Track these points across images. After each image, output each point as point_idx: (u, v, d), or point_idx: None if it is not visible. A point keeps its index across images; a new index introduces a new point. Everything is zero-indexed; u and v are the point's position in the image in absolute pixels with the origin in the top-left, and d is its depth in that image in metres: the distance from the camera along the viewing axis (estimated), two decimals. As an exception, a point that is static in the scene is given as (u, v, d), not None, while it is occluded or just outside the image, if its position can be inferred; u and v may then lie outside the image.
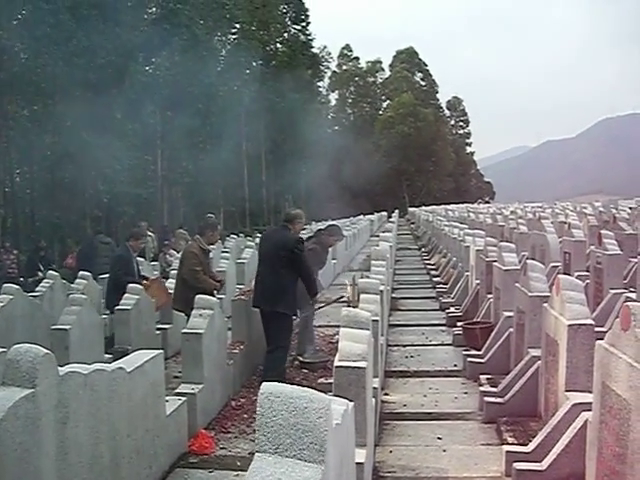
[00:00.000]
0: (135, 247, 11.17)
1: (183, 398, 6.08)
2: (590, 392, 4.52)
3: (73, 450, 3.92)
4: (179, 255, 13.53)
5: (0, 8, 23.77)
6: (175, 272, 10.29)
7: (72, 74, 24.50)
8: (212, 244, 9.32)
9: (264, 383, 2.18)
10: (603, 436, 3.99)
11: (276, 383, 2.19)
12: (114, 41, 24.85)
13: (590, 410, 4.34)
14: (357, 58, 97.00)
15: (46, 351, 3.65)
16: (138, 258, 15.65)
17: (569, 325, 5.18)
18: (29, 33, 23.67)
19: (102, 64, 24.63)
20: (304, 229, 9.63)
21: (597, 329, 5.37)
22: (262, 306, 8.00)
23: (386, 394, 7.56)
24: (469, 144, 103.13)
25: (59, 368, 3.82)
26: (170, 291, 10.35)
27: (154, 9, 32.58)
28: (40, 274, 15.71)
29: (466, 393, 7.54)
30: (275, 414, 2.06)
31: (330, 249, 10.93)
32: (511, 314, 7.73)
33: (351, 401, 3.27)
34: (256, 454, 2.03)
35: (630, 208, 26.53)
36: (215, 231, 9.23)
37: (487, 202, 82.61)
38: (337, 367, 4.27)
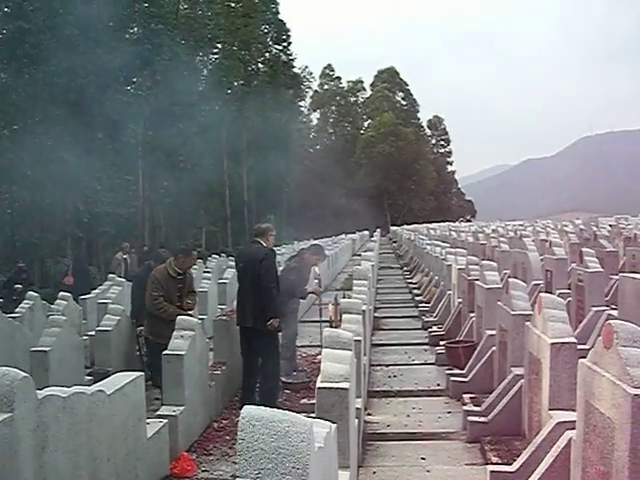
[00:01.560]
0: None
1: (164, 420, 6.01)
2: (574, 410, 4.50)
3: (52, 475, 3.85)
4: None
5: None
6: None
7: (53, 94, 24.49)
8: (184, 269, 8.55)
9: (245, 407, 2.14)
10: (587, 455, 3.98)
11: (257, 406, 2.16)
12: (95, 61, 24.84)
13: (574, 429, 4.32)
14: (339, 78, 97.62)
15: (24, 374, 3.59)
16: (120, 279, 15.66)
17: (552, 343, 5.17)
18: (10, 53, 23.64)
19: (83, 84, 24.61)
20: (277, 245, 9.54)
21: (579, 347, 5.37)
22: (247, 323, 7.96)
23: (369, 414, 7.51)
24: (450, 163, 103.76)
25: (38, 391, 3.76)
26: None
27: (135, 29, 32.63)
28: (19, 287, 15.63)
29: (449, 412, 7.51)
30: (256, 438, 2.03)
31: (312, 268, 10.88)
32: (494, 333, 7.72)
33: (334, 422, 3.24)
34: (237, 479, 2.00)
35: (610, 225, 26.69)
36: (187, 257, 8.54)
37: (468, 220, 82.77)
38: (320, 388, 4.23)
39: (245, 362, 8.21)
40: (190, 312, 8.46)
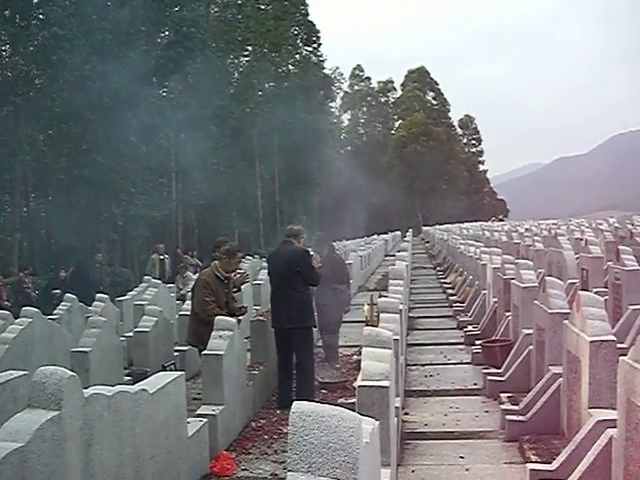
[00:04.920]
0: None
1: (204, 419, 6.08)
2: (614, 409, 4.49)
3: (98, 472, 3.93)
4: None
5: (16, 34, 24.10)
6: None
7: (87, 98, 24.74)
8: (230, 271, 8.29)
9: (295, 402, 2.18)
10: (629, 453, 3.97)
11: (307, 402, 2.20)
12: (128, 65, 25.06)
13: (615, 427, 4.31)
14: (369, 78, 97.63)
15: (71, 373, 3.67)
16: (156, 280, 15.81)
17: (591, 341, 5.15)
18: (45, 58, 23.94)
19: (116, 88, 24.84)
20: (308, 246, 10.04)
21: (618, 345, 5.34)
22: (285, 324, 8.10)
23: (406, 413, 7.53)
24: (482, 162, 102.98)
25: (84, 390, 3.84)
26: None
27: (167, 33, 32.87)
28: (57, 292, 15.79)
29: (487, 411, 7.49)
30: (307, 433, 2.06)
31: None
32: (530, 331, 7.70)
33: (376, 420, 3.27)
34: (289, 473, 2.03)
35: (646, 224, 26.37)
36: (232, 258, 8.23)
37: (501, 220, 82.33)
38: (360, 386, 4.25)
39: (281, 362, 8.33)
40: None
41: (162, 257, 19.34)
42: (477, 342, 10.40)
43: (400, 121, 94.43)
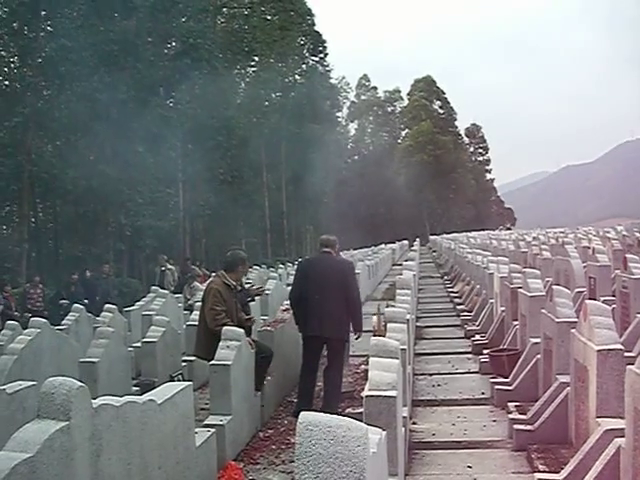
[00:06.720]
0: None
1: (212, 430, 6.08)
2: (622, 418, 4.48)
3: (107, 482, 3.94)
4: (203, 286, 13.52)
5: (25, 45, 24.26)
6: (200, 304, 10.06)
7: (94, 109, 24.87)
8: (238, 280, 8.14)
9: (302, 413, 2.19)
10: (637, 462, 3.96)
11: (314, 412, 2.21)
12: (135, 76, 25.19)
13: (623, 436, 4.30)
14: (375, 88, 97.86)
15: (80, 384, 3.68)
16: (162, 290, 15.80)
17: (598, 350, 5.14)
18: (53, 70, 24.09)
19: (124, 99, 24.95)
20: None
21: (625, 354, 5.33)
22: (322, 333, 8.04)
23: (414, 423, 7.51)
24: (489, 171, 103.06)
25: (92, 400, 3.85)
26: None
27: (174, 44, 33.03)
28: (64, 302, 15.86)
29: (495, 421, 7.47)
30: (314, 443, 2.08)
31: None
32: (538, 340, 7.68)
33: (383, 430, 3.27)
34: (296, 483, 2.05)
35: (654, 231, 26.28)
36: (245, 267, 8.26)
37: (508, 228, 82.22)
38: (367, 396, 4.25)
39: (306, 371, 8.28)
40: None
41: (163, 268, 19.22)
42: (485, 351, 10.37)
43: (407, 130, 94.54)
